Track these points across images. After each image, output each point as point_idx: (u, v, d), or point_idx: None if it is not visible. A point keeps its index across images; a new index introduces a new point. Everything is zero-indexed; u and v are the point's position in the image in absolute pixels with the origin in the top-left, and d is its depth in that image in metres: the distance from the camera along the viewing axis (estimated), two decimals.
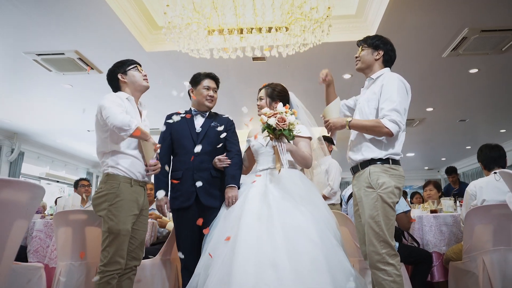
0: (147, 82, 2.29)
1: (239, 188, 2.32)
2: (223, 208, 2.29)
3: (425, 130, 8.06)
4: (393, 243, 1.91)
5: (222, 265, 1.88)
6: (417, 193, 6.49)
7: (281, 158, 2.10)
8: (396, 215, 2.42)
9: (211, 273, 1.90)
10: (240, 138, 2.58)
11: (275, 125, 2.04)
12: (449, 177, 5.85)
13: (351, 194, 2.77)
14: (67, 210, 2.66)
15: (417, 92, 5.39)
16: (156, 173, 2.23)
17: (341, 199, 3.89)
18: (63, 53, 4.48)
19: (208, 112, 2.52)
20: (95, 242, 2.37)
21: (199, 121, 2.48)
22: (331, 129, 2.11)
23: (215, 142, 2.41)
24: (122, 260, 2.01)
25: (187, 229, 2.33)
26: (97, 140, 2.14)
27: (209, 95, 2.47)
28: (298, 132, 2.19)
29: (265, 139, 2.25)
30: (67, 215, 2.50)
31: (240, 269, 1.77)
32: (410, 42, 4.32)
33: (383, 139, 2.02)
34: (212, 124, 2.47)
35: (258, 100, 2.45)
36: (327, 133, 2.22)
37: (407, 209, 2.84)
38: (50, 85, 5.45)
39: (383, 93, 2.00)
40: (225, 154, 2.41)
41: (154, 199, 2.44)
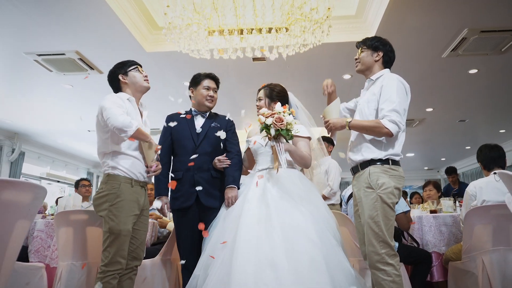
0: (148, 83, 2.30)
1: (239, 188, 2.33)
2: (223, 209, 2.30)
3: (425, 130, 8.06)
4: (392, 243, 1.92)
5: (222, 265, 1.89)
6: (417, 193, 6.50)
7: (279, 158, 2.11)
8: (396, 215, 2.43)
9: (211, 273, 1.91)
10: (240, 139, 2.58)
11: (272, 125, 2.05)
12: (449, 177, 5.86)
13: (351, 194, 2.78)
14: (68, 210, 2.66)
15: (417, 92, 5.40)
16: (157, 174, 2.24)
17: (341, 199, 3.90)
18: (63, 54, 4.49)
19: (208, 113, 2.53)
20: (96, 242, 2.37)
21: (199, 122, 2.49)
22: (331, 129, 2.11)
23: (215, 142, 2.42)
24: (123, 260, 2.02)
25: (187, 229, 2.34)
26: (98, 141, 2.15)
27: (209, 95, 2.48)
28: (297, 132, 2.19)
29: (264, 139, 2.25)
30: (68, 215, 2.50)
31: (240, 269, 1.78)
32: (409, 42, 4.33)
33: (383, 139, 2.02)
34: (213, 124, 2.47)
35: (257, 101, 2.46)
36: (327, 133, 2.22)
37: (406, 210, 2.84)
38: (50, 85, 5.46)
39: (382, 94, 2.01)
40: (225, 154, 2.42)
41: (155, 199, 2.45)
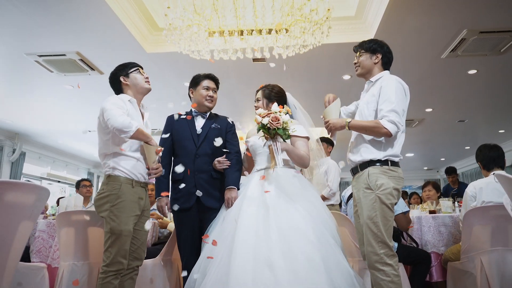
0: (149, 85, 2.32)
1: (238, 189, 2.34)
2: (222, 209, 2.31)
3: (424, 130, 8.07)
4: (391, 243, 1.93)
5: (220, 264, 1.89)
6: (415, 193, 6.51)
7: (276, 157, 2.11)
8: (395, 215, 2.44)
9: (209, 273, 1.91)
10: (241, 140, 2.60)
11: (269, 125, 2.06)
12: (448, 177, 5.88)
13: (351, 195, 2.80)
14: (69, 211, 2.67)
15: (416, 93, 5.42)
16: (158, 175, 2.26)
17: (340, 199, 3.90)
18: (64, 54, 4.51)
19: (208, 113, 2.54)
20: (97, 242, 2.38)
21: (200, 122, 2.50)
22: (331, 129, 2.12)
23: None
24: (124, 260, 2.03)
25: (188, 229, 2.35)
26: (99, 142, 2.16)
27: (209, 95, 2.49)
28: (294, 131, 2.19)
29: (261, 140, 2.26)
30: (69, 215, 2.52)
31: (238, 269, 1.79)
32: (409, 43, 4.34)
33: (382, 140, 2.03)
34: (213, 125, 2.48)
35: (256, 102, 2.47)
36: (327, 133, 2.23)
37: (406, 210, 2.86)
38: (51, 86, 5.48)
39: (381, 95, 2.02)
40: (224, 155, 2.43)
41: (155, 199, 2.46)
